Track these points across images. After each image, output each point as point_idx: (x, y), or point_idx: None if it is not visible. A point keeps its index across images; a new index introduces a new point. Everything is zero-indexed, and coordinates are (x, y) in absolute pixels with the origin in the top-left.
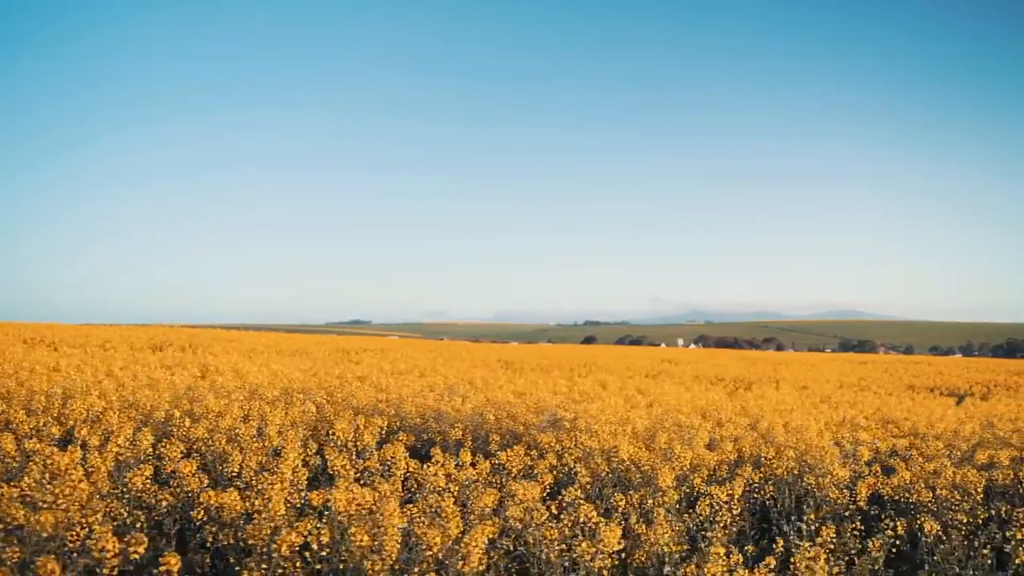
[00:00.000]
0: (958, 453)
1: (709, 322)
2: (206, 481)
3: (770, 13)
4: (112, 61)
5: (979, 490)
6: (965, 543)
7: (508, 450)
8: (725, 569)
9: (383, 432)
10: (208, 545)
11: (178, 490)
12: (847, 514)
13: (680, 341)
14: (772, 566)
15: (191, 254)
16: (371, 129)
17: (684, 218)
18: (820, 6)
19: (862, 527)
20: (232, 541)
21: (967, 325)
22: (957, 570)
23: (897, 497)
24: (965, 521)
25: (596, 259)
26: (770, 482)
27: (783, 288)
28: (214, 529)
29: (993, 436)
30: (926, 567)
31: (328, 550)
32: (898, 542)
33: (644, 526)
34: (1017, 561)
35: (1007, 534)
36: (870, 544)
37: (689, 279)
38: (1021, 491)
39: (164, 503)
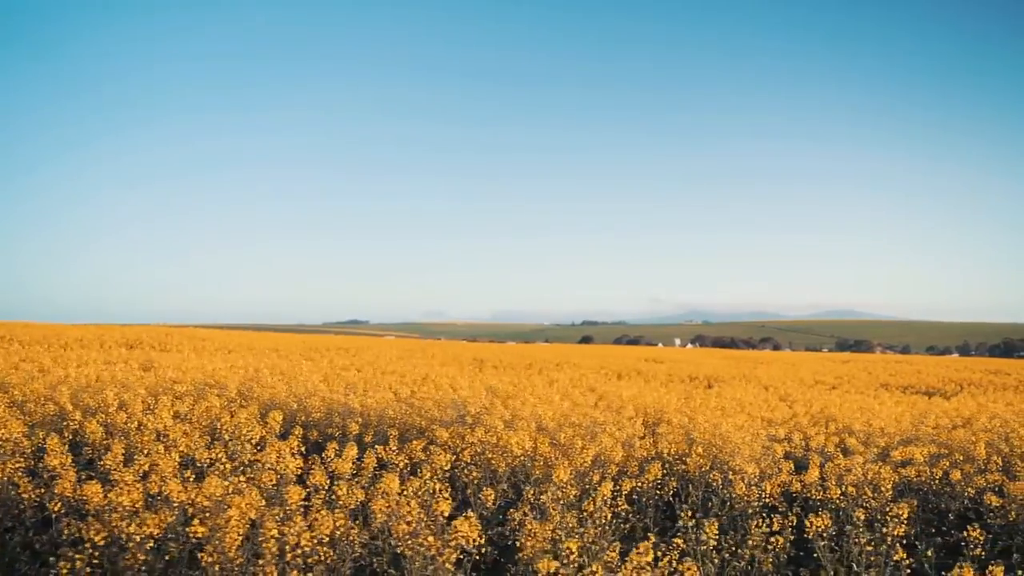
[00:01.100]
0: (875, 450)
1: (707, 322)
2: (72, 473)
3: (767, 13)
4: (112, 61)
5: (889, 487)
6: (864, 540)
7: (383, 445)
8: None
9: (287, 425)
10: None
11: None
12: (750, 511)
13: (677, 341)
14: (646, 560)
15: (189, 254)
16: (369, 129)
17: (683, 218)
18: (820, 6)
19: (769, 523)
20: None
21: (965, 325)
22: (854, 567)
23: (808, 494)
24: (863, 518)
25: (594, 259)
26: (673, 478)
27: (781, 288)
28: (74, 521)
29: (918, 434)
30: (825, 564)
31: (174, 542)
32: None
33: (535, 521)
34: (897, 557)
35: (912, 531)
36: (773, 540)
37: (687, 279)
38: (935, 487)
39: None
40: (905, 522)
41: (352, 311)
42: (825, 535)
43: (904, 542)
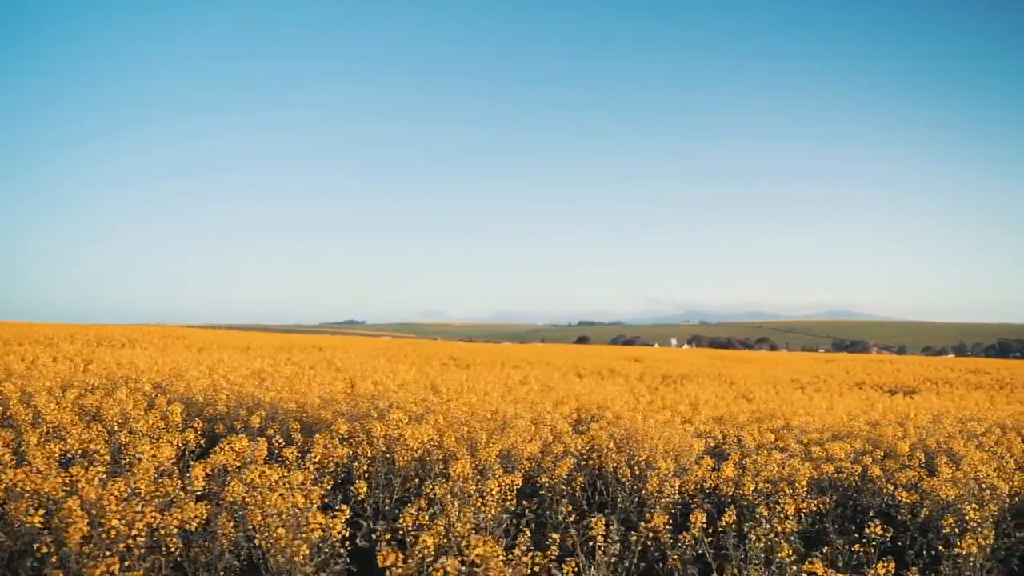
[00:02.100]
0: (799, 446)
1: (704, 323)
2: None
3: (766, 13)
4: (112, 61)
5: (804, 483)
6: (774, 534)
7: (245, 436)
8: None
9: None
10: None
11: None
12: (659, 507)
13: (674, 341)
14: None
15: (186, 254)
16: (367, 130)
17: (681, 219)
18: (819, 6)
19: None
20: None
21: (961, 326)
22: (754, 563)
23: (723, 490)
24: (766, 514)
25: (593, 260)
26: (581, 473)
27: (779, 289)
28: None
29: (851, 430)
30: (732, 560)
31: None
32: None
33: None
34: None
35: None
36: (681, 537)
37: (685, 280)
38: (853, 483)
39: None
40: (809, 518)
41: (350, 311)
42: (729, 531)
43: (815, 538)
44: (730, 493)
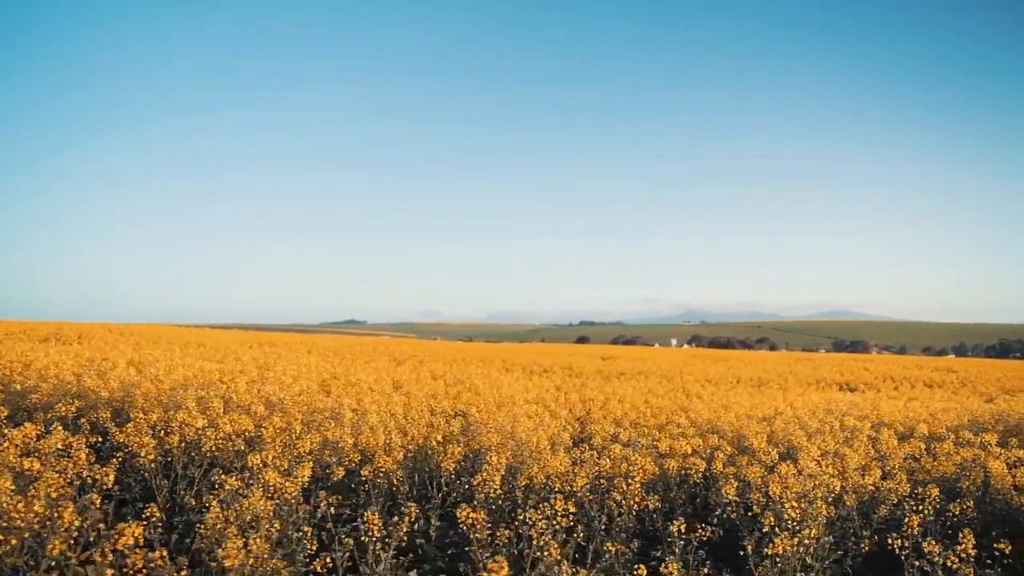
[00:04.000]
0: (646, 440)
1: (705, 323)
2: None
3: (765, 13)
4: (112, 61)
5: (637, 479)
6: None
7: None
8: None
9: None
10: None
11: None
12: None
13: (673, 341)
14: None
15: (186, 254)
16: (367, 130)
17: (681, 219)
18: (819, 6)
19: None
20: None
21: (961, 326)
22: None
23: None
24: (617, 511)
25: (593, 260)
26: (400, 467)
27: (780, 289)
28: None
29: (719, 425)
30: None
31: None
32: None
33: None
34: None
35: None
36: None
37: (685, 280)
38: (697, 479)
39: None
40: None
41: (350, 311)
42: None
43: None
44: (561, 488)
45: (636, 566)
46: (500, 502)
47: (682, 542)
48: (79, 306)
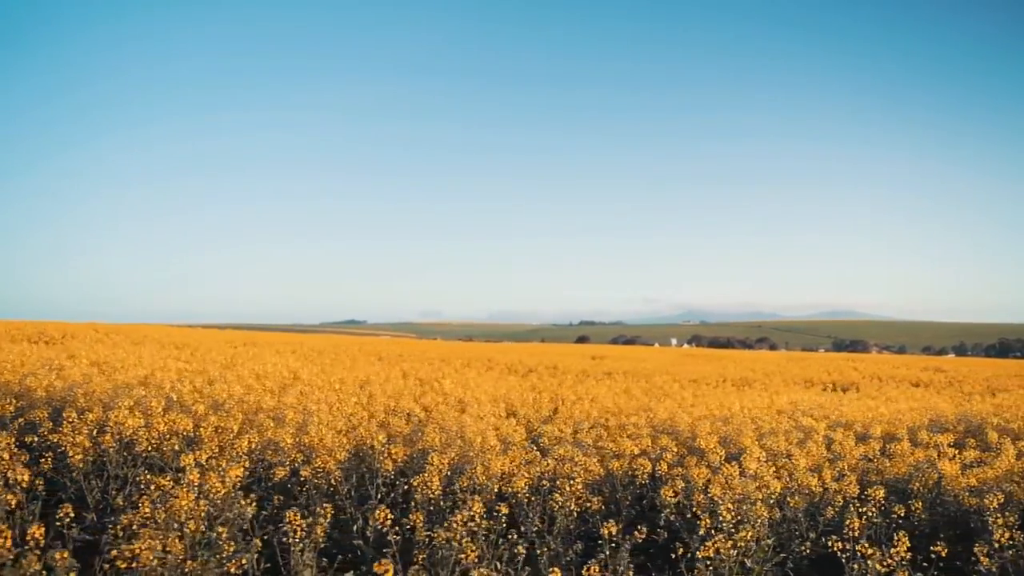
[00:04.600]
0: (589, 438)
1: (705, 322)
2: None
3: (765, 13)
4: (112, 61)
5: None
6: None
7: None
8: None
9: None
10: None
11: None
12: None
13: (674, 341)
14: None
15: (186, 254)
16: (367, 130)
17: (681, 219)
18: (819, 6)
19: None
20: None
21: (962, 325)
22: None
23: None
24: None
25: (594, 260)
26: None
27: (780, 289)
28: None
29: (674, 425)
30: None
31: None
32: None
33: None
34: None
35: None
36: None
37: (686, 280)
38: (643, 480)
39: None
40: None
41: (351, 311)
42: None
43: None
44: (501, 489)
45: (585, 567)
46: (441, 503)
47: (614, 544)
48: (79, 306)
